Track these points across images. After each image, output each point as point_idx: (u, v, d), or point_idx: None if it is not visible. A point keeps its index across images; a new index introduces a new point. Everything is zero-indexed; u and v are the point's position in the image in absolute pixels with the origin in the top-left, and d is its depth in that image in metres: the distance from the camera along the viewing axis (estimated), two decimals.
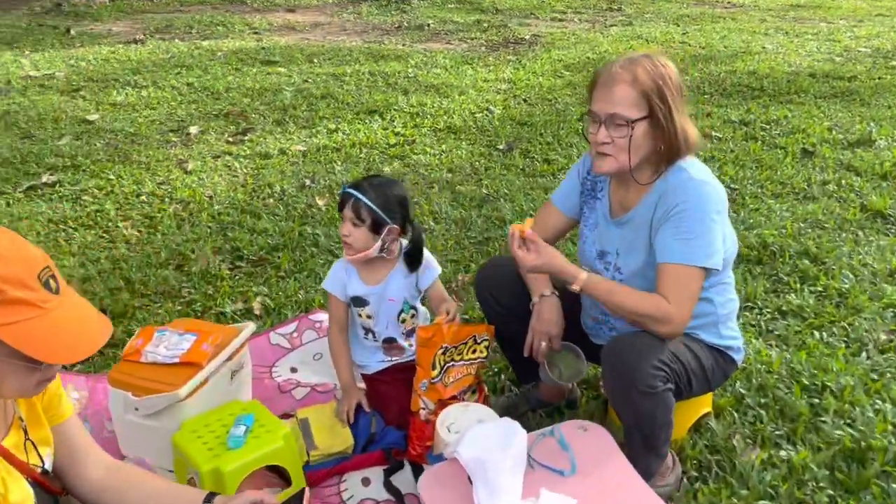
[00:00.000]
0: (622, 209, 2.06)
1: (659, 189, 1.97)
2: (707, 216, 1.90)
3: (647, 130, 1.89)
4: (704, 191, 1.92)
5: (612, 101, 1.87)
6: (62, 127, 5.30)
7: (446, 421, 1.95)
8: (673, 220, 1.91)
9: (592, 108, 1.93)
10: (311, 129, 5.32)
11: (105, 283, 3.17)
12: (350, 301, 2.32)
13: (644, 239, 1.99)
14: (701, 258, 1.89)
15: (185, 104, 5.91)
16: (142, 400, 2.06)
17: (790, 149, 4.80)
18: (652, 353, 1.86)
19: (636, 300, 1.91)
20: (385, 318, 2.33)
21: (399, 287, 2.31)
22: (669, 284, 1.90)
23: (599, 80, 1.93)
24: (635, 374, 1.82)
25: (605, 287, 1.93)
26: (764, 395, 2.48)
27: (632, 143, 1.89)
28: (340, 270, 2.31)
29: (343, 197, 2.21)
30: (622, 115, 1.87)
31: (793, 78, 6.51)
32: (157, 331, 2.23)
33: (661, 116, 1.87)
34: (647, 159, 1.95)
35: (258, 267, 3.35)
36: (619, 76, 1.88)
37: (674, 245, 1.90)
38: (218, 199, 4.09)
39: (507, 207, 3.94)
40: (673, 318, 1.88)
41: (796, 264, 3.34)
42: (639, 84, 1.86)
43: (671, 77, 1.91)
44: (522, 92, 6.27)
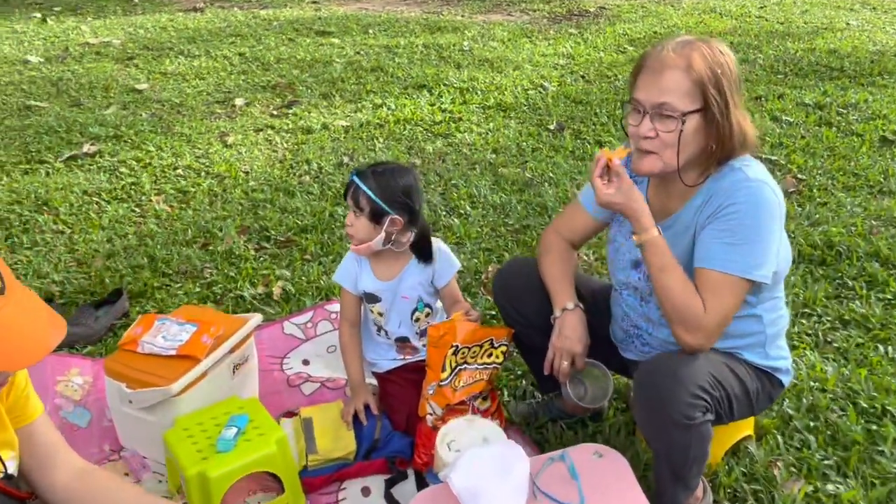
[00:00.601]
0: (662, 214, 1.83)
1: (707, 191, 1.73)
2: (761, 221, 1.66)
3: (699, 126, 1.65)
4: (762, 192, 1.67)
5: (661, 88, 1.63)
6: (111, 96, 5.30)
7: (447, 437, 1.79)
8: (720, 221, 1.68)
9: (636, 96, 1.68)
10: (356, 103, 5.17)
11: (128, 260, 3.11)
12: (362, 296, 2.18)
13: (684, 247, 1.76)
14: (746, 268, 1.66)
15: (234, 75, 5.84)
16: (135, 393, 1.97)
17: (868, 136, 4.41)
18: (692, 379, 1.64)
19: (683, 290, 1.68)
20: (397, 317, 2.18)
21: (413, 284, 2.15)
22: (707, 293, 1.68)
23: (647, 63, 1.68)
24: (671, 403, 1.61)
25: (666, 258, 1.71)
26: (814, 418, 2.23)
27: (681, 140, 1.65)
28: (352, 262, 2.17)
29: (348, 184, 2.06)
30: (673, 105, 1.63)
31: (877, 58, 6.03)
32: (157, 319, 2.13)
33: (716, 111, 1.63)
34: (695, 159, 1.71)
35: (284, 248, 3.24)
36: (671, 61, 1.63)
37: (716, 249, 1.68)
38: (254, 175, 3.99)
39: (551, 193, 3.72)
40: (703, 328, 1.67)
41: (864, 267, 3.04)
42: (694, 71, 1.62)
43: (730, 67, 1.67)
44: (581, 68, 5.98)
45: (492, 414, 2.06)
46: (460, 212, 3.56)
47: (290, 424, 2.13)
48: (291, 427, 2.12)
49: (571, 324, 1.90)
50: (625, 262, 1.90)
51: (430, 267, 2.15)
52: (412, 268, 2.14)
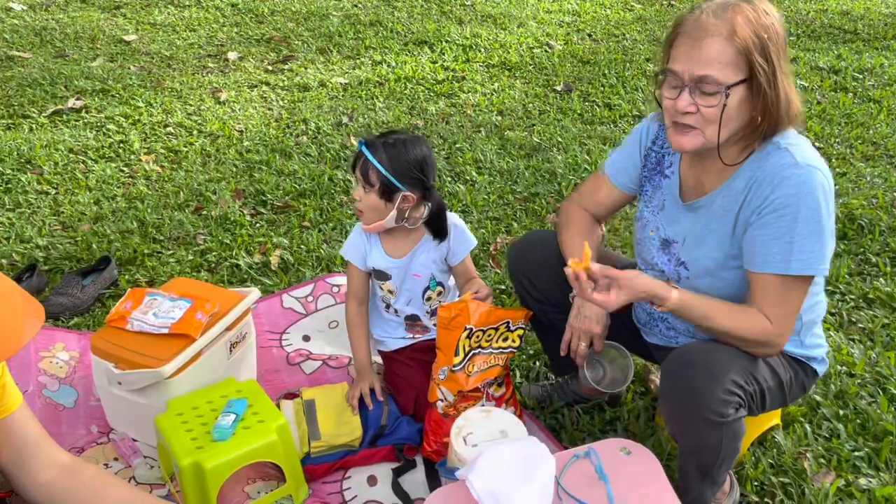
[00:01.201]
0: (697, 191, 1.67)
1: (749, 172, 1.57)
2: (819, 213, 1.51)
3: (744, 97, 1.48)
4: (814, 180, 1.51)
5: (702, 59, 1.46)
6: (97, 47, 5.05)
7: (463, 430, 1.66)
8: (772, 218, 1.52)
9: (673, 68, 1.51)
10: (355, 59, 4.95)
11: (117, 225, 2.94)
12: (371, 272, 2.04)
13: (722, 233, 1.62)
14: (809, 265, 1.52)
15: (227, 27, 5.59)
16: (124, 374, 1.83)
17: (885, 103, 4.25)
18: (726, 373, 1.52)
19: (735, 322, 1.55)
20: (408, 295, 2.04)
21: (426, 261, 2.01)
22: (770, 300, 1.54)
23: (683, 30, 1.50)
24: (703, 399, 1.49)
25: (700, 309, 1.56)
26: (843, 405, 2.13)
27: (724, 115, 1.48)
28: (361, 237, 2.02)
29: (356, 155, 1.89)
30: (715, 78, 1.45)
31: (891, 20, 5.83)
32: (148, 294, 1.98)
33: (763, 80, 1.46)
34: (738, 133, 1.55)
35: (282, 214, 3.08)
36: (712, 27, 1.46)
37: (775, 251, 1.52)
38: (248, 135, 3.81)
39: (560, 159, 3.56)
40: (775, 341, 1.56)
41: (887, 242, 2.91)
42: (738, 38, 1.44)
43: (777, 29, 1.49)
44: (587, 26, 5.75)
45: (506, 401, 1.93)
46: (466, 178, 3.40)
47: (290, 407, 2.00)
48: (292, 410, 1.99)
49: (590, 305, 1.76)
50: (652, 243, 1.76)
51: (444, 244, 2.00)
52: (425, 244, 2.00)
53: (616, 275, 1.52)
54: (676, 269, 1.70)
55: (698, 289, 1.66)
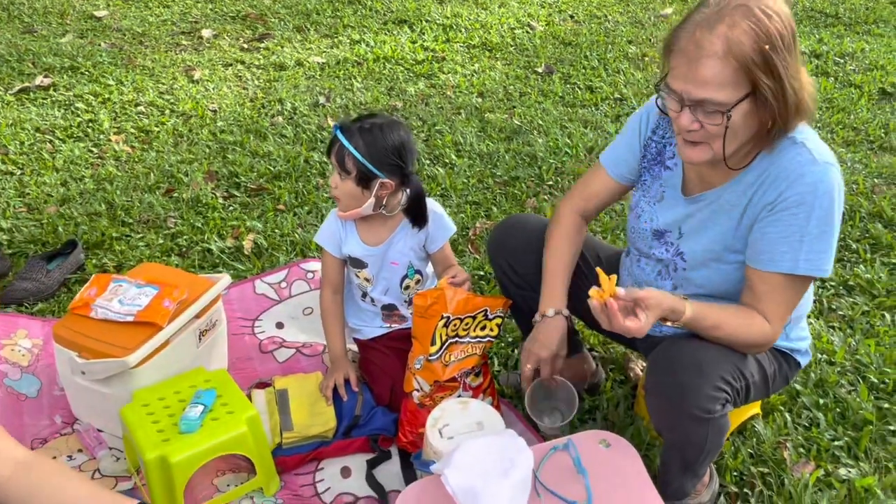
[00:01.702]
0: (702, 186, 1.61)
1: (761, 167, 1.49)
2: (832, 213, 1.46)
3: (748, 111, 1.39)
4: (831, 179, 1.44)
5: (698, 81, 1.36)
6: (67, 23, 4.91)
7: (439, 422, 1.61)
8: (785, 216, 1.46)
9: (671, 85, 1.41)
10: (333, 38, 4.85)
11: (84, 207, 2.85)
12: (346, 259, 1.98)
13: (726, 226, 1.56)
14: (816, 266, 1.47)
15: (201, 3, 5.44)
16: (88, 363, 1.76)
17: (866, 88, 4.24)
18: (715, 370, 1.48)
19: (741, 329, 1.51)
20: (385, 283, 1.99)
21: (404, 249, 1.95)
22: (772, 299, 1.50)
23: (679, 45, 1.39)
24: (691, 395, 1.45)
25: (710, 320, 1.50)
26: (823, 394, 2.11)
27: (728, 131, 1.40)
28: (336, 223, 1.95)
29: (332, 140, 1.82)
30: (715, 100, 1.36)
31: (872, 5, 5.81)
32: (113, 280, 1.91)
33: (768, 94, 1.36)
34: (747, 142, 1.47)
35: (255, 197, 3.01)
36: (708, 46, 1.34)
37: (784, 249, 1.47)
38: (222, 115, 3.71)
39: (540, 142, 3.51)
40: (770, 342, 1.54)
41: (867, 229, 2.90)
42: (737, 55, 1.33)
43: (781, 32, 1.35)
44: (569, 6, 5.68)
45: (484, 391, 1.89)
46: (445, 161, 3.34)
47: (262, 396, 1.94)
48: (264, 399, 1.93)
49: (546, 331, 1.70)
50: (646, 232, 1.71)
51: (422, 231, 1.95)
52: (403, 232, 1.94)
53: (641, 295, 1.43)
54: (674, 259, 1.65)
55: (694, 280, 1.62)
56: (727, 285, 1.60)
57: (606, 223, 2.91)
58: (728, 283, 1.59)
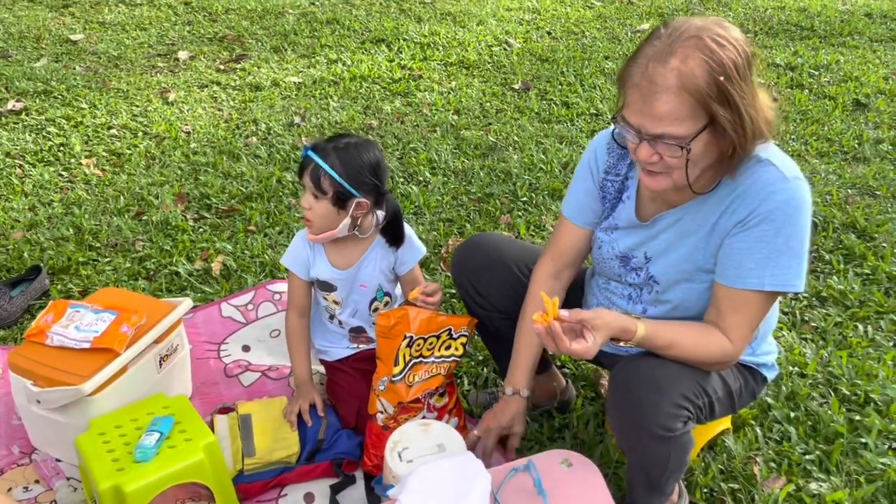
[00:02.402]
0: (659, 207, 1.58)
1: (727, 189, 1.47)
2: (803, 228, 1.44)
3: (708, 141, 1.37)
4: (801, 194, 1.44)
5: (654, 116, 1.34)
6: (42, 47, 4.89)
7: (399, 445, 1.58)
8: (753, 231, 1.44)
9: (628, 118, 1.39)
10: (310, 58, 4.85)
11: (52, 232, 2.82)
12: (314, 282, 1.95)
13: (694, 245, 1.54)
14: (784, 281, 1.45)
15: (178, 25, 5.45)
16: (43, 392, 1.73)
17: (840, 100, 4.26)
18: (675, 387, 1.46)
19: (699, 347, 1.49)
20: (353, 306, 1.96)
21: (374, 272, 1.93)
22: (736, 316, 1.48)
23: (632, 81, 1.36)
24: (650, 414, 1.43)
25: (664, 338, 1.49)
26: (794, 407, 2.09)
27: (689, 163, 1.38)
28: (303, 245, 1.91)
29: (303, 160, 1.79)
30: (672, 134, 1.34)
31: (846, 17, 5.87)
32: (70, 306, 1.88)
33: (726, 124, 1.33)
34: (709, 167, 1.44)
35: (226, 219, 2.98)
36: (661, 81, 1.31)
37: (751, 266, 1.45)
38: (195, 136, 3.69)
39: (515, 158, 3.50)
40: (731, 359, 1.51)
41: (840, 239, 2.89)
42: (691, 89, 1.30)
43: (735, 61, 1.32)
44: (547, 24, 5.71)
45: (449, 411, 1.86)
46: (419, 178, 3.33)
47: (224, 422, 1.91)
48: (227, 425, 1.90)
49: (502, 408, 1.72)
50: (612, 260, 1.68)
51: (392, 253, 1.93)
52: (373, 254, 1.91)
53: (586, 316, 1.42)
54: (648, 282, 1.63)
55: (669, 301, 1.60)
56: (702, 304, 1.57)
57: None
58: (703, 302, 1.57)
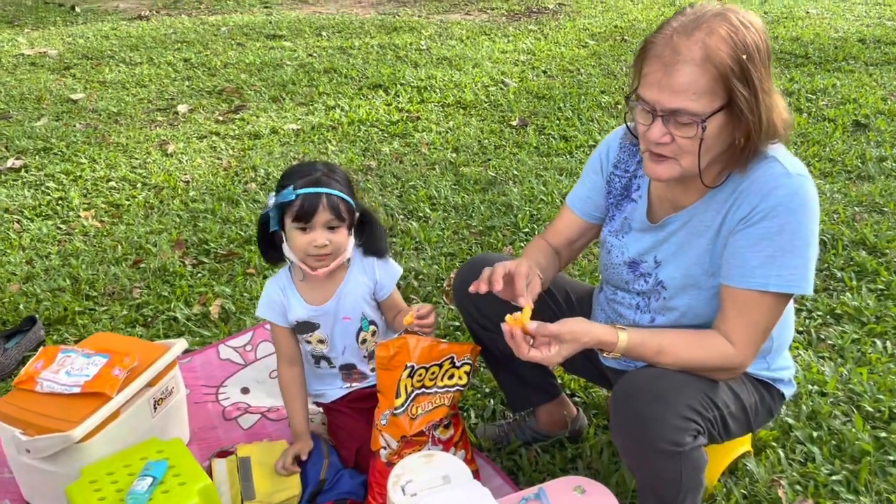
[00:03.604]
0: (673, 207, 1.54)
1: (733, 184, 1.43)
2: (809, 227, 1.38)
3: (723, 124, 1.34)
4: (806, 191, 1.38)
5: (674, 89, 1.30)
6: (43, 107, 4.94)
7: (401, 479, 1.51)
8: (756, 228, 1.39)
9: (643, 95, 1.35)
10: (308, 105, 4.88)
11: (48, 283, 2.78)
12: (294, 328, 1.87)
13: (702, 248, 1.49)
14: (790, 282, 1.39)
15: (178, 81, 5.51)
16: (32, 440, 1.66)
17: (840, 121, 4.25)
18: (680, 399, 1.38)
19: (694, 353, 1.43)
20: (341, 342, 1.88)
21: (355, 300, 1.86)
22: (740, 318, 1.41)
23: (653, 52, 1.33)
24: (655, 428, 1.36)
25: (653, 346, 1.44)
26: (816, 426, 2.00)
27: (703, 145, 1.34)
28: (276, 292, 1.84)
29: (307, 201, 1.68)
30: (690, 109, 1.30)
31: (840, 44, 5.91)
32: (61, 351, 1.82)
33: (743, 106, 1.31)
34: (718, 158, 1.41)
35: (224, 263, 2.94)
36: (685, 52, 1.29)
37: (753, 262, 1.39)
38: (194, 185, 3.68)
39: (515, 191, 3.47)
40: (736, 365, 1.43)
41: (851, 256, 2.83)
42: (715, 63, 1.28)
43: (759, 46, 1.31)
44: (542, 63, 5.76)
45: (455, 444, 1.78)
46: (419, 214, 3.29)
47: (223, 465, 1.84)
48: (226, 468, 1.83)
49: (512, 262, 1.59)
50: (620, 266, 1.63)
51: (370, 278, 1.86)
52: (350, 283, 1.85)
53: (555, 331, 1.40)
54: (655, 289, 1.57)
55: (676, 308, 1.54)
56: (709, 312, 1.51)
57: (584, 266, 2.84)
58: (710, 310, 1.51)
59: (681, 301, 1.54)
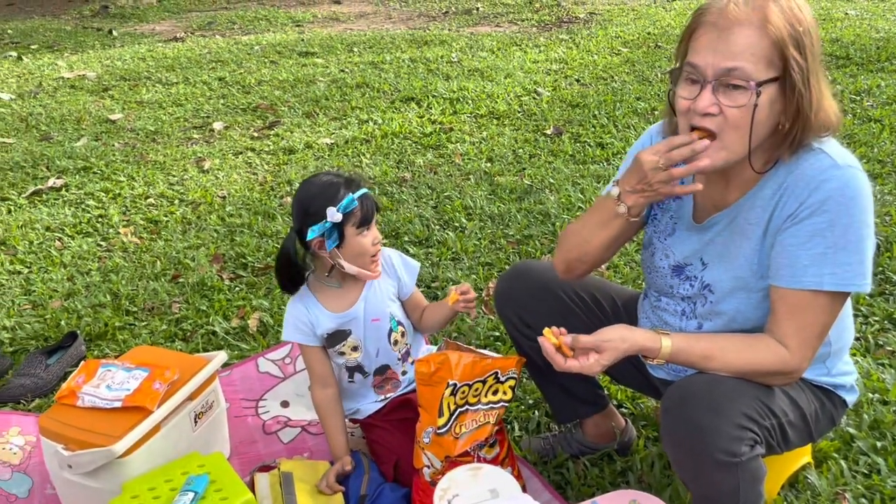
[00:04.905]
0: (716, 206, 1.48)
1: (779, 178, 1.37)
2: (861, 220, 1.31)
3: (774, 99, 1.29)
4: (857, 183, 1.32)
5: (730, 50, 1.26)
6: (83, 128, 5.02)
7: (448, 493, 1.46)
8: (805, 224, 1.32)
9: (693, 61, 1.31)
10: (341, 120, 4.89)
11: (89, 299, 2.79)
12: (325, 343, 1.84)
13: (749, 248, 1.42)
14: (845, 280, 1.31)
15: (213, 99, 5.57)
16: (74, 455, 1.65)
17: (887, 121, 4.12)
18: (734, 406, 1.31)
19: (745, 357, 1.37)
20: (374, 346, 1.85)
21: (381, 300, 1.85)
22: (793, 320, 1.34)
23: (707, 19, 1.30)
24: (711, 438, 1.29)
25: (699, 351, 1.38)
26: (880, 436, 1.91)
27: (754, 117, 1.28)
28: (301, 311, 1.81)
29: (366, 203, 1.74)
30: (746, 71, 1.26)
31: (882, 44, 5.76)
32: (101, 365, 1.81)
33: (797, 78, 1.26)
34: (764, 143, 1.35)
35: (262, 276, 2.93)
36: (742, 15, 1.27)
37: (804, 260, 1.32)
38: (231, 200, 3.69)
39: (552, 200, 3.41)
40: (792, 369, 1.36)
41: None
42: (772, 28, 1.26)
43: (812, 24, 1.30)
44: (575, 72, 5.70)
45: (501, 461, 1.72)
46: (455, 225, 3.26)
47: (266, 480, 1.81)
48: (268, 483, 1.79)
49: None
50: (664, 269, 1.57)
51: (392, 278, 1.88)
52: (375, 282, 1.84)
53: (591, 342, 1.37)
54: (702, 293, 1.51)
55: (724, 312, 1.47)
56: (759, 316, 1.44)
57: (627, 274, 2.77)
58: (760, 314, 1.43)
59: (729, 305, 1.47)
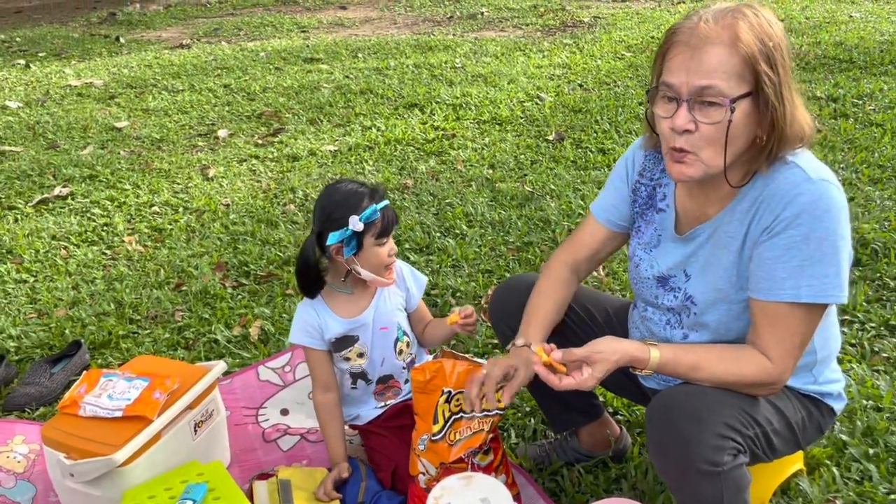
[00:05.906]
0: (697, 220, 1.51)
1: (755, 192, 1.40)
2: (835, 233, 1.34)
3: (748, 113, 1.32)
4: (830, 196, 1.34)
5: (702, 69, 1.30)
6: (89, 136, 5.07)
7: (440, 501, 1.48)
8: (781, 238, 1.35)
9: (668, 80, 1.34)
10: (345, 126, 4.92)
11: (94, 308, 2.83)
12: (332, 347, 1.87)
13: (728, 261, 1.45)
14: (822, 292, 1.34)
15: (218, 106, 5.61)
16: (76, 464, 1.68)
17: (889, 126, 4.13)
18: (716, 416, 1.34)
19: (730, 368, 1.39)
20: (380, 354, 1.88)
21: (391, 309, 1.88)
22: (773, 331, 1.37)
23: (679, 39, 1.34)
24: (693, 446, 1.31)
25: (686, 362, 1.41)
26: (872, 443, 1.92)
27: (729, 133, 1.31)
28: (310, 315, 1.84)
29: (387, 214, 1.77)
30: (719, 89, 1.29)
31: (886, 47, 5.76)
32: (103, 375, 1.85)
33: (770, 92, 1.30)
34: (741, 156, 1.38)
35: (264, 284, 2.96)
36: (713, 34, 1.30)
37: (784, 276, 1.35)
38: (234, 208, 3.73)
39: (553, 206, 3.44)
40: (774, 380, 1.39)
41: None
42: (742, 46, 1.29)
43: (781, 39, 1.33)
44: (578, 77, 5.72)
45: (495, 469, 1.74)
46: (456, 231, 3.28)
47: (264, 487, 1.83)
48: (266, 491, 1.82)
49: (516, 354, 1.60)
50: (649, 280, 1.60)
51: (401, 287, 1.91)
52: (385, 291, 1.88)
53: (582, 355, 1.39)
54: (685, 304, 1.53)
55: (707, 324, 1.50)
56: (740, 327, 1.47)
57: (626, 281, 2.79)
58: (741, 324, 1.47)
59: (712, 317, 1.50)
